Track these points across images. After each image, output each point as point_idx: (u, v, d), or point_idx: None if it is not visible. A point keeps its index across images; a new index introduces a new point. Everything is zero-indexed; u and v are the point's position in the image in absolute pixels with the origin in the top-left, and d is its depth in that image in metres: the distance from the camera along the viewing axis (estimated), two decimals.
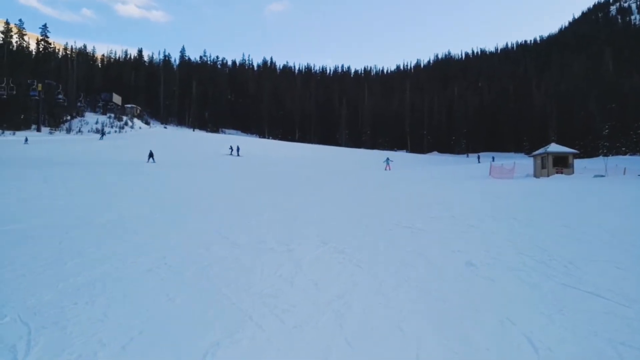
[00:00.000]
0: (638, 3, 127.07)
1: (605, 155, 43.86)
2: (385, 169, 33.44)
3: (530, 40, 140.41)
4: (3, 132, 53.43)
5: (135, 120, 78.57)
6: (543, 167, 27.77)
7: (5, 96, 54.18)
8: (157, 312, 4.04)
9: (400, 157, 67.91)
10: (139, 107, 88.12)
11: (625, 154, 54.09)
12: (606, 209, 10.66)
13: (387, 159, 37.19)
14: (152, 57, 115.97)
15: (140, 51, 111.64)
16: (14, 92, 55.77)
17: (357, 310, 4.04)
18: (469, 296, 4.42)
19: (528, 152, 73.33)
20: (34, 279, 4.99)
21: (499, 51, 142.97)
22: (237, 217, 10.25)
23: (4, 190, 14.27)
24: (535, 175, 28.00)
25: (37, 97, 59.90)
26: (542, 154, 28.25)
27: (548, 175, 26.05)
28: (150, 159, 32.79)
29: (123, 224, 9.13)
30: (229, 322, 3.77)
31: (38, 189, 14.86)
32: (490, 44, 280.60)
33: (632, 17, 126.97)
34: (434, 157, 77.49)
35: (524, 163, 33.75)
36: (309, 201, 13.79)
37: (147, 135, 63.02)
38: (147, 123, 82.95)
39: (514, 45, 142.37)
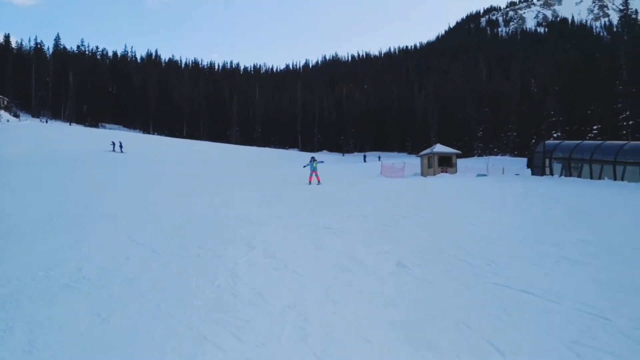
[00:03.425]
0: (504, 17, 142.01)
1: (480, 155, 48.45)
2: (310, 180, 19.98)
3: (411, 46, 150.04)
4: None
5: (2, 112, 70.07)
6: (429, 166, 29.82)
7: None
8: (93, 336, 3.53)
9: (292, 156, 68.62)
10: (6, 98, 78.66)
11: (497, 154, 60.07)
12: (500, 207, 11.65)
13: (313, 160, 20.68)
14: (22, 43, 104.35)
15: (7, 36, 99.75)
16: None
17: (315, 322, 3.90)
18: (416, 299, 4.50)
19: (411, 152, 78.51)
20: None
21: (382, 55, 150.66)
22: (144, 221, 9.54)
23: None
24: (423, 174, 29.98)
25: None
26: (429, 154, 30.32)
27: (434, 174, 28.03)
28: None
29: (18, 231, 8.07)
30: (183, 344, 3.42)
31: None
32: (375, 48, 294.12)
33: (499, 29, 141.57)
34: (325, 156, 79.45)
35: (411, 162, 35.97)
36: (215, 202, 13.32)
37: (17, 129, 56.43)
38: (17, 116, 74.49)
39: (397, 50, 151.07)
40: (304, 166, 21.97)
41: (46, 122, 78.48)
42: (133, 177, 22.81)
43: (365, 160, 61.97)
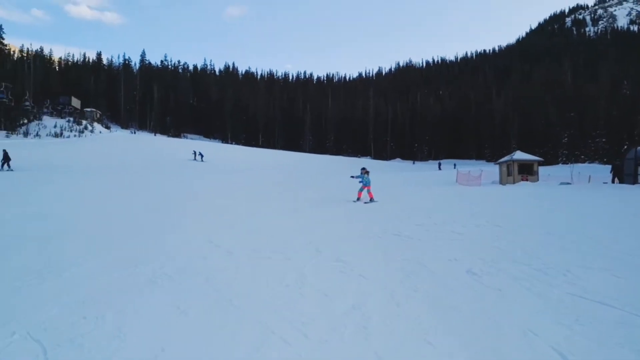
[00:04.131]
0: (592, 15, 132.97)
1: (565, 162, 45.73)
2: (359, 196, 15.59)
3: (489, 50, 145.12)
4: None
5: (96, 124, 76.24)
6: (509, 174, 28.60)
7: None
8: (173, 326, 3.86)
9: (365, 164, 68.65)
10: (98, 112, 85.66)
11: (584, 162, 56.37)
12: (583, 217, 11.01)
13: (364, 171, 16.00)
14: (112, 60, 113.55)
15: (99, 54, 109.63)
16: None
17: (378, 323, 3.99)
18: (482, 306, 4.44)
19: (489, 160, 75.65)
20: (33, 292, 4.70)
21: (458, 60, 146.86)
22: (221, 225, 10.04)
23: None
24: (501, 182, 28.81)
25: (5, 100, 57.91)
26: (508, 161, 29.09)
27: (514, 183, 26.86)
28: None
29: (110, 232, 8.82)
30: (252, 336, 3.65)
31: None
32: (450, 53, 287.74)
33: (587, 29, 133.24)
34: (397, 164, 78.62)
35: (489, 170, 34.70)
36: (287, 208, 13.71)
37: (109, 139, 61.23)
38: (108, 127, 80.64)
39: (474, 55, 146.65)
40: (353, 177, 17.01)
41: (134, 132, 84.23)
42: (212, 185, 23.95)
43: (440, 168, 60.52)
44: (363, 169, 16.21)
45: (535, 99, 73.67)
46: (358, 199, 15.44)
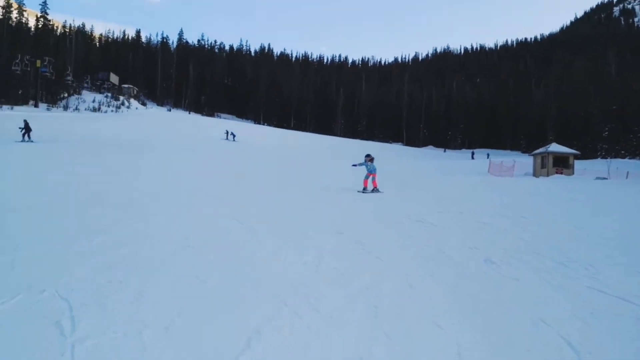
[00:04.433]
0: None
1: (604, 157, 44.12)
2: (365, 185, 14.11)
3: (531, 38, 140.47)
4: (1, 107, 52.97)
5: (132, 100, 78.10)
6: (543, 166, 27.95)
7: (19, 71, 54.64)
8: (191, 294, 4.02)
9: (396, 150, 68.08)
10: (135, 88, 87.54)
11: (624, 157, 54.27)
12: (616, 213, 10.74)
13: (369, 158, 14.60)
14: (150, 38, 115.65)
15: (138, 32, 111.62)
16: (28, 69, 56.15)
17: (390, 303, 4.04)
18: (497, 295, 4.43)
19: (524, 151, 73.70)
20: (62, 255, 4.95)
21: (498, 48, 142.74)
22: (246, 203, 10.22)
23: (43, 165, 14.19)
24: (535, 175, 28.20)
25: (47, 74, 60.00)
26: (543, 153, 28.42)
27: (548, 175, 26.25)
28: None
29: (141, 205, 9.13)
30: (266, 308, 3.76)
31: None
32: (490, 41, 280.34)
33: (636, 19, 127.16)
34: (429, 152, 77.67)
35: (522, 161, 33.94)
36: (313, 190, 13.82)
37: (145, 115, 62.68)
38: (144, 104, 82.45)
39: (514, 43, 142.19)
40: (355, 165, 15.63)
41: (170, 110, 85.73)
42: (242, 164, 24.31)
43: (473, 157, 59.45)
44: (367, 155, 14.74)
45: (577, 90, 70.95)
46: (365, 188, 13.90)
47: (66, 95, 70.79)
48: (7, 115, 44.90)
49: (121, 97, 76.10)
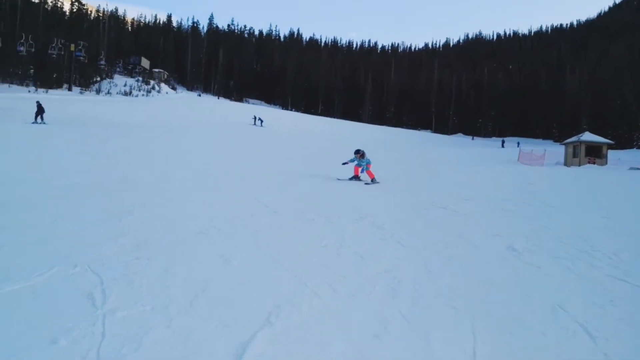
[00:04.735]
0: None
1: None
2: (356, 173, 13.25)
3: (567, 24, 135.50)
4: (36, 90, 54.55)
5: (162, 85, 79.23)
6: (575, 156, 27.30)
7: (54, 55, 56.13)
8: (215, 272, 4.20)
9: (424, 137, 67.37)
10: (166, 72, 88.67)
11: None
12: None
13: (358, 154, 13.28)
14: (181, 23, 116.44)
15: (169, 17, 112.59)
16: (63, 53, 57.60)
17: (408, 286, 4.12)
18: (516, 281, 4.45)
19: (557, 140, 71.88)
20: (93, 233, 5.22)
21: (532, 34, 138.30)
22: (271, 187, 10.39)
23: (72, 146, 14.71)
24: (566, 164, 27.56)
25: (81, 58, 61.39)
26: (575, 142, 27.73)
27: (579, 165, 25.63)
28: None
29: (168, 186, 9.41)
30: (287, 287, 3.90)
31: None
32: (524, 27, 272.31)
33: None
34: (459, 139, 76.54)
35: (554, 150, 33.18)
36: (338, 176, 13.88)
37: (175, 100, 63.66)
38: (174, 88, 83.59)
39: (549, 29, 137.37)
40: (345, 163, 13.70)
41: (200, 95, 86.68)
42: (269, 149, 24.54)
43: (503, 146, 58.25)
44: (357, 151, 13.42)
45: (613, 77, 68.44)
46: (372, 180, 12.64)
47: (99, 79, 72.44)
48: (42, 98, 46.28)
49: (152, 82, 77.33)
